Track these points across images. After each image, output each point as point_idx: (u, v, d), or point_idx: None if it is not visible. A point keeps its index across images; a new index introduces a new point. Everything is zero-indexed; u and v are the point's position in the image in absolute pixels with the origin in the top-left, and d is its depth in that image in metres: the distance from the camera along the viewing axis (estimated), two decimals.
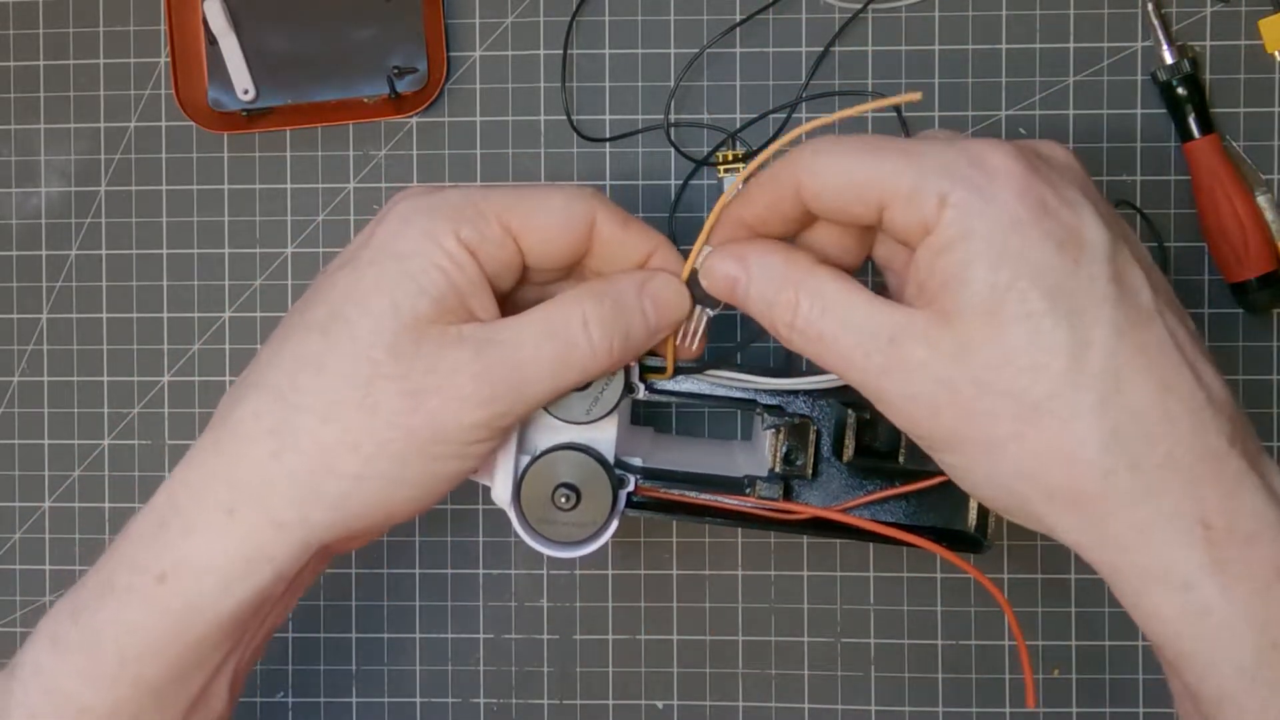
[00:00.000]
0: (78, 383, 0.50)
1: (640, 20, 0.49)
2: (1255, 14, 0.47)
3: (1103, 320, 0.30)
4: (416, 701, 0.50)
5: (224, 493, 0.33)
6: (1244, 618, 0.29)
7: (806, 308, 0.33)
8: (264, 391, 0.34)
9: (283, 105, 0.49)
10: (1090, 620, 0.48)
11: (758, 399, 0.40)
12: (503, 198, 0.35)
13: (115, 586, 0.34)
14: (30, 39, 0.50)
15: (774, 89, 0.49)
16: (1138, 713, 0.48)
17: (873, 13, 0.48)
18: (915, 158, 0.31)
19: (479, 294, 0.34)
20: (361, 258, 0.34)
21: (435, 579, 0.50)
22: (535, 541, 0.38)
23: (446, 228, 0.34)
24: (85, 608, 0.34)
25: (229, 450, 0.34)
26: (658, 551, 0.49)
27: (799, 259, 0.34)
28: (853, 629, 0.49)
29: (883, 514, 0.40)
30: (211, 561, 0.33)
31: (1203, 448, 0.30)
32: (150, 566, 0.34)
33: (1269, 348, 0.48)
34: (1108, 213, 0.32)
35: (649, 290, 0.36)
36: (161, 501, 0.35)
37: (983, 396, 0.30)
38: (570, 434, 0.38)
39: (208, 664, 0.35)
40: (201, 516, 0.34)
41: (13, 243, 0.50)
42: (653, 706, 0.49)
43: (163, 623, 0.33)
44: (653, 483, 0.40)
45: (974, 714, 0.49)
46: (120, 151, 0.50)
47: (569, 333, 0.34)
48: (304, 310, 0.35)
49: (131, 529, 0.35)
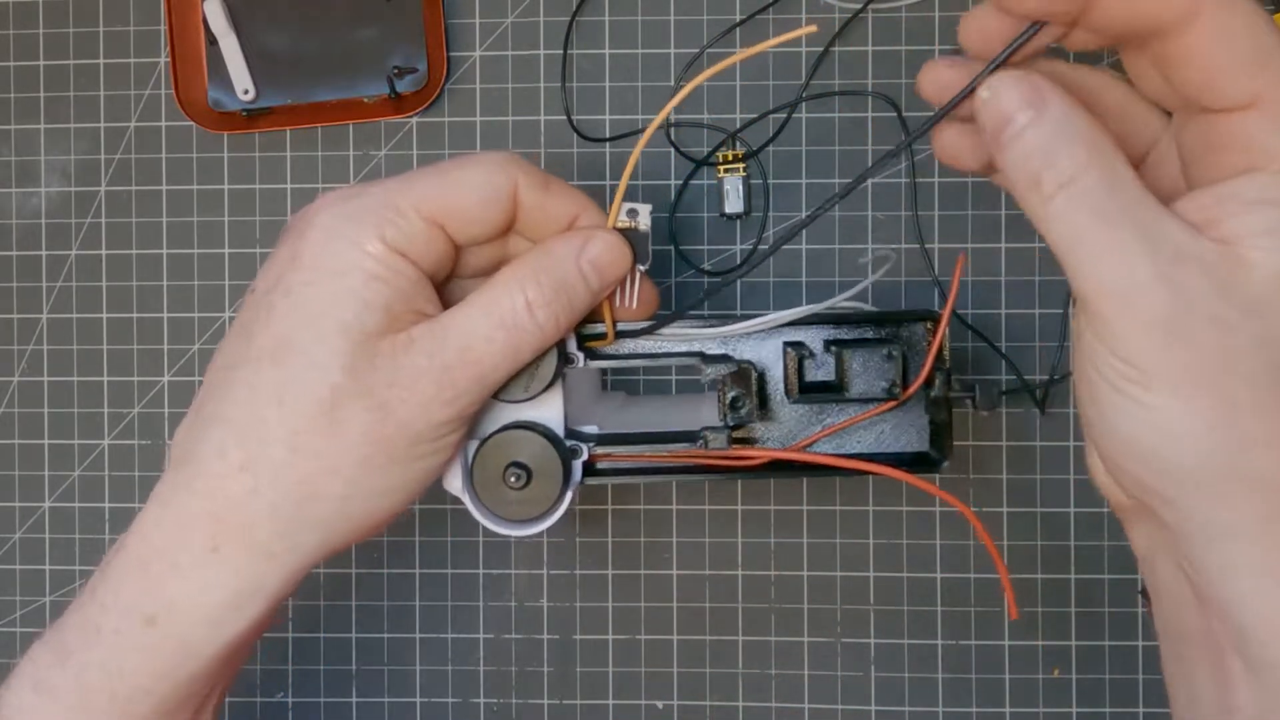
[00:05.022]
0: (78, 383, 0.50)
1: (640, 20, 0.49)
2: None
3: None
4: (416, 701, 0.50)
5: (206, 531, 0.33)
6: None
7: (1093, 178, 0.27)
8: (225, 426, 0.33)
9: (283, 105, 0.49)
10: (1090, 620, 0.48)
11: (703, 351, 0.39)
12: (419, 188, 0.34)
13: (102, 629, 0.33)
14: (30, 39, 0.50)
15: (774, 89, 0.49)
16: (1138, 713, 0.48)
17: (873, 13, 0.48)
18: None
19: (422, 292, 0.34)
20: (294, 279, 0.33)
21: (435, 579, 0.50)
22: (492, 523, 0.38)
23: (372, 234, 0.33)
24: (71, 652, 0.34)
25: (202, 489, 0.33)
26: (658, 551, 0.49)
27: (1100, 123, 0.28)
28: (853, 629, 0.49)
29: (841, 447, 0.39)
30: (202, 600, 0.33)
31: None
32: (137, 608, 0.33)
33: None
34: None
35: (587, 255, 0.35)
36: (134, 543, 0.34)
37: (1253, 358, 0.26)
38: (515, 413, 0.38)
39: (198, 696, 0.35)
40: (185, 556, 0.33)
41: (13, 243, 0.50)
42: (653, 706, 0.49)
43: (154, 664, 0.33)
44: (607, 448, 0.39)
45: (974, 714, 0.49)
46: (120, 151, 0.50)
47: (515, 318, 0.34)
48: (246, 338, 0.34)
49: (109, 570, 0.34)
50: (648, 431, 0.40)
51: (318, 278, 0.33)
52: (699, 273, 0.49)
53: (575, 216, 0.36)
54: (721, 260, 0.49)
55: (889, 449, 0.40)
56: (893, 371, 0.38)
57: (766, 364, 0.39)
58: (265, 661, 0.50)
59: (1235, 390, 0.26)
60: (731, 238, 0.49)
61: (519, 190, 0.35)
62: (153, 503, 0.34)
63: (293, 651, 0.50)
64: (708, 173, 0.49)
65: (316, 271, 0.33)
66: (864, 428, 0.39)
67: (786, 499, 0.49)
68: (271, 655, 0.50)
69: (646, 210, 0.37)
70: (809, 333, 0.39)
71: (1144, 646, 0.48)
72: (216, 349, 0.35)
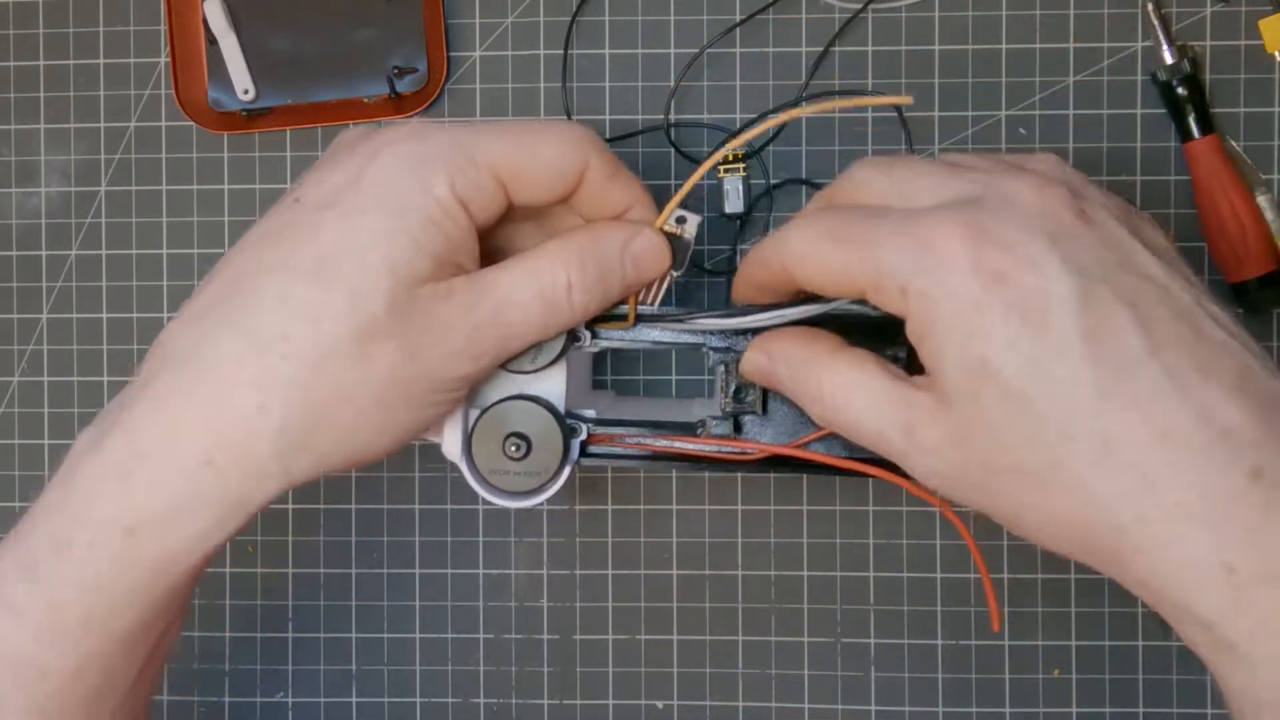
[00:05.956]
0: (78, 383, 0.50)
1: (640, 20, 0.49)
2: (1255, 14, 0.47)
3: (1082, 383, 0.29)
4: (416, 701, 0.50)
5: (200, 442, 0.32)
6: (1268, 658, 0.28)
7: (829, 395, 0.33)
8: (244, 336, 0.32)
9: (283, 105, 0.49)
10: (1090, 620, 0.48)
11: (706, 340, 0.39)
12: (493, 144, 0.34)
13: (74, 543, 0.32)
14: (30, 39, 0.50)
15: (774, 89, 0.49)
16: (1138, 713, 0.48)
17: (873, 13, 0.48)
18: (872, 249, 0.31)
19: (469, 244, 0.34)
20: (352, 202, 0.33)
21: (435, 579, 0.50)
22: (488, 493, 0.38)
23: (442, 179, 0.33)
24: (38, 566, 0.32)
25: (204, 398, 0.32)
26: (658, 551, 0.49)
27: (818, 348, 0.34)
28: (853, 629, 0.49)
29: (838, 447, 0.39)
30: (186, 514, 0.32)
31: (1216, 488, 0.28)
32: (115, 520, 0.32)
33: (1269, 347, 0.48)
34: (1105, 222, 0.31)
35: (632, 250, 0.36)
36: (118, 446, 0.32)
37: (993, 476, 0.31)
38: (518, 385, 0.38)
39: (174, 607, 0.34)
40: (174, 468, 0.32)
41: (13, 243, 0.50)
42: (653, 706, 0.49)
43: (132, 577, 0.32)
44: (606, 429, 0.39)
45: (974, 714, 0.49)
46: (120, 151, 0.50)
47: (555, 294, 0.34)
48: (285, 247, 0.33)
49: (80, 477, 0.33)
50: (647, 419, 0.40)
51: (378, 209, 0.32)
52: (700, 271, 0.49)
53: (629, 207, 0.36)
54: (721, 260, 0.49)
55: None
56: None
57: None
58: (265, 661, 0.50)
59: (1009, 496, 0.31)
60: (731, 238, 0.49)
61: (587, 171, 0.35)
62: (143, 398, 0.33)
63: (293, 651, 0.50)
64: (708, 173, 0.48)
65: (379, 202, 0.32)
66: None
67: (786, 499, 0.49)
68: (271, 655, 0.50)
69: (696, 221, 0.37)
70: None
71: (1144, 646, 0.48)
72: (235, 247, 0.34)
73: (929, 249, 0.30)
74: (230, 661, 0.50)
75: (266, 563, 0.50)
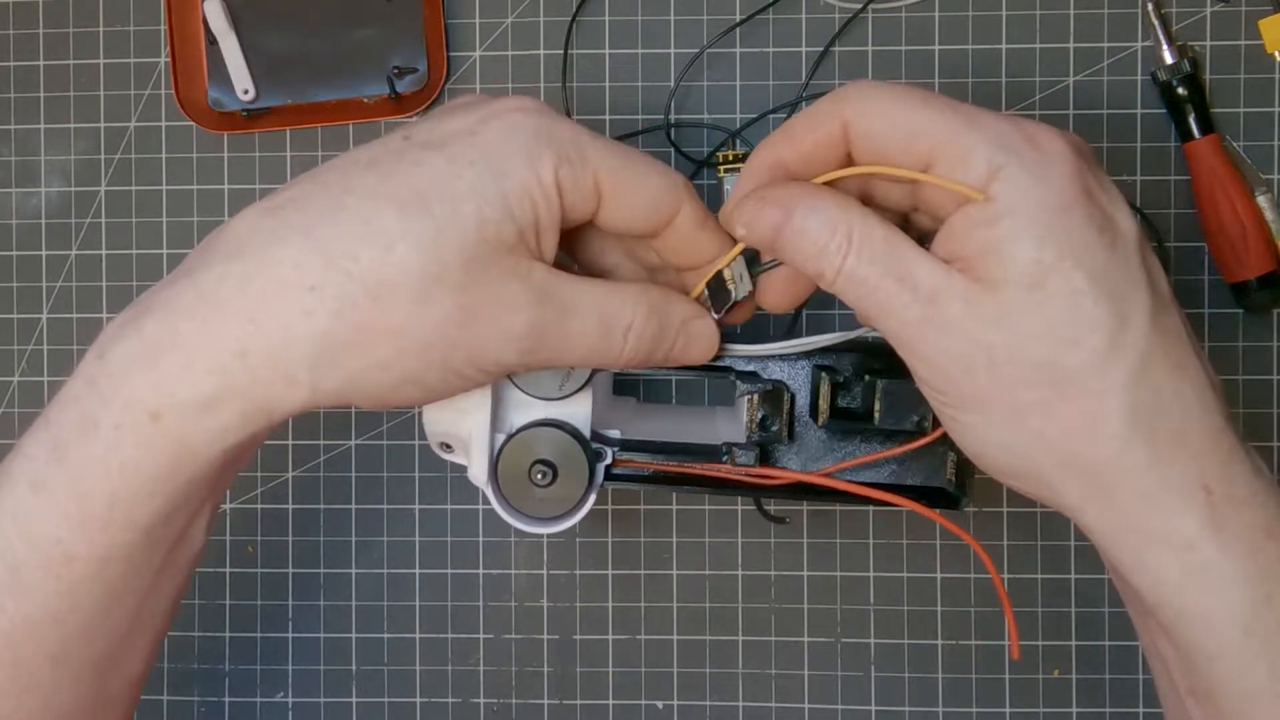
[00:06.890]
0: None
1: (640, 20, 0.49)
2: (1255, 14, 0.47)
3: (1139, 304, 0.32)
4: (416, 701, 0.50)
5: (238, 333, 0.31)
6: (1239, 573, 0.32)
7: (856, 253, 0.33)
8: (313, 242, 0.32)
9: (283, 105, 0.49)
10: (1090, 620, 0.48)
11: (733, 366, 0.40)
12: (606, 155, 0.34)
13: (101, 425, 0.32)
14: (30, 39, 0.50)
15: (774, 89, 0.49)
16: (1138, 713, 0.48)
17: (873, 13, 0.48)
18: (974, 121, 0.32)
19: (551, 234, 0.34)
20: (461, 151, 0.33)
21: (435, 579, 0.50)
22: (514, 519, 0.38)
23: (550, 162, 0.33)
24: (67, 447, 0.32)
25: (256, 291, 0.32)
26: (658, 551, 0.49)
27: (851, 202, 0.34)
28: (853, 629, 0.49)
29: (862, 475, 0.40)
30: (213, 405, 0.32)
31: (1207, 423, 0.32)
32: (142, 403, 0.31)
33: (1269, 348, 0.48)
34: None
35: (690, 328, 0.36)
36: (156, 328, 0.32)
37: (1017, 363, 0.32)
38: (544, 410, 0.38)
39: (193, 503, 0.34)
40: (207, 354, 0.31)
41: (13, 243, 0.50)
42: (653, 706, 0.49)
43: (156, 463, 0.32)
44: (631, 454, 0.39)
45: (974, 714, 0.49)
46: (120, 151, 0.50)
47: (614, 332, 0.35)
48: (381, 173, 0.33)
49: (113, 357, 0.32)
50: (672, 442, 0.40)
51: (484, 163, 0.32)
52: None
53: (711, 259, 0.37)
54: None
55: (905, 480, 0.40)
56: (923, 405, 0.37)
57: (795, 386, 0.40)
58: (265, 661, 0.50)
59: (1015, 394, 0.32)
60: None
61: (679, 215, 0.35)
62: (189, 285, 0.32)
63: (293, 651, 0.50)
64: (708, 173, 0.49)
65: (486, 156, 0.32)
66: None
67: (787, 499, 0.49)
68: (271, 655, 0.50)
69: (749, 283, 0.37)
70: (839, 358, 0.39)
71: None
72: (321, 167, 0.34)
73: (1036, 145, 0.32)
74: (230, 661, 0.50)
75: (266, 563, 0.50)
